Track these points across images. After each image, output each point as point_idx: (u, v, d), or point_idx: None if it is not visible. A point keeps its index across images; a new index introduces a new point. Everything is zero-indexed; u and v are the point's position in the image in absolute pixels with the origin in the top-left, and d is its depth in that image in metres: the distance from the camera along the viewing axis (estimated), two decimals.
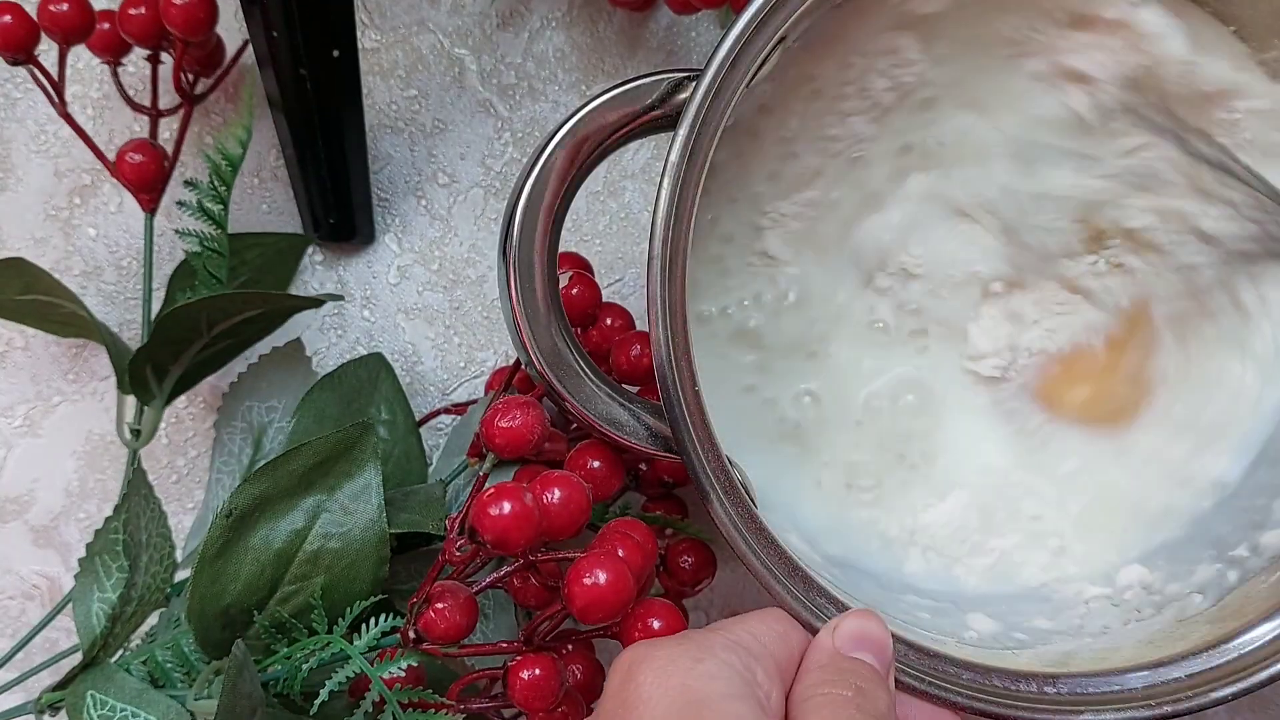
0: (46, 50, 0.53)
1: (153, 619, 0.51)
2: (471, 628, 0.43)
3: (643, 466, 0.52)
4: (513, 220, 0.44)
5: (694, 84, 0.42)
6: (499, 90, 0.58)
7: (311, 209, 0.57)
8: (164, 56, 0.54)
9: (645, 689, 0.37)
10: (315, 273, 0.58)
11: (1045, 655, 0.47)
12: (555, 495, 0.41)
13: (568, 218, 0.56)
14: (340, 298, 0.58)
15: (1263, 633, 0.46)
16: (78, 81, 0.58)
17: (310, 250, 0.58)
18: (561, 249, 0.56)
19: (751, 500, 0.43)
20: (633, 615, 0.43)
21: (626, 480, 0.49)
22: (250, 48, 0.56)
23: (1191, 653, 0.45)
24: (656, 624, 0.42)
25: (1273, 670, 0.45)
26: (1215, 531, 0.51)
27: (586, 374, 0.44)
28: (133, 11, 0.52)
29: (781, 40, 0.43)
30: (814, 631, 0.42)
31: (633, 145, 0.57)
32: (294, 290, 0.58)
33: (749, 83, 0.43)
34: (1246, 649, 0.45)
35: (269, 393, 0.54)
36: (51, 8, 0.51)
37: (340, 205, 0.56)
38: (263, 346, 0.55)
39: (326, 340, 0.59)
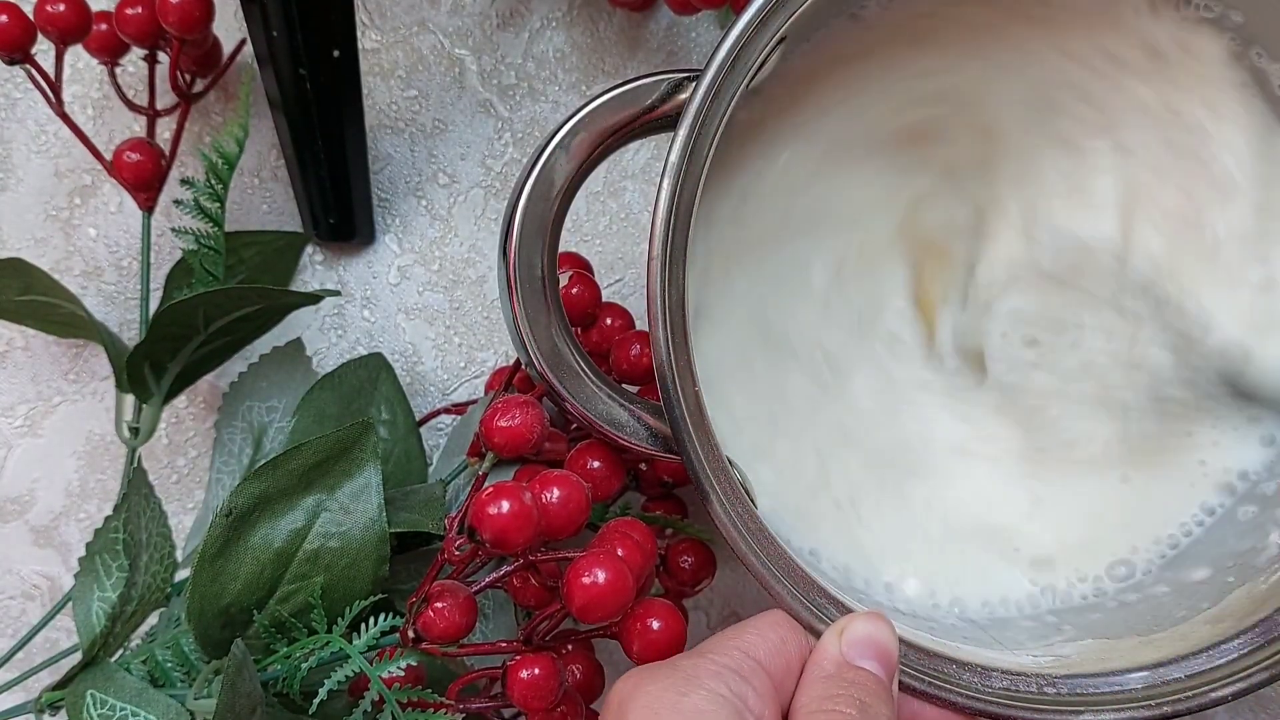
0: (45, 51, 0.53)
1: (153, 619, 0.51)
2: (471, 627, 0.43)
3: (643, 466, 0.52)
4: (513, 220, 0.43)
5: (694, 84, 0.42)
6: (499, 90, 0.58)
7: (311, 209, 0.57)
8: (161, 57, 0.54)
9: None
10: (315, 272, 0.58)
11: (1045, 655, 0.47)
12: (554, 495, 0.41)
13: (568, 218, 0.56)
14: (337, 293, 0.58)
15: (1262, 633, 0.45)
16: (77, 82, 0.58)
17: (310, 250, 0.58)
18: (561, 249, 0.56)
19: (751, 501, 0.43)
20: (632, 615, 0.42)
21: (626, 480, 0.49)
22: (247, 46, 0.56)
23: (1191, 653, 0.45)
24: (656, 624, 0.42)
25: (1273, 670, 0.44)
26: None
27: (586, 374, 0.44)
28: (129, 11, 0.52)
29: (782, 40, 0.43)
30: (815, 633, 0.42)
31: (633, 145, 0.57)
32: (294, 290, 0.58)
33: (749, 83, 0.43)
34: (1246, 649, 0.45)
35: (269, 392, 0.54)
36: (48, 8, 0.51)
37: (340, 205, 0.56)
38: (263, 346, 0.55)
39: (326, 340, 0.58)
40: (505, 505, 0.40)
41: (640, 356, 0.49)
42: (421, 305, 0.58)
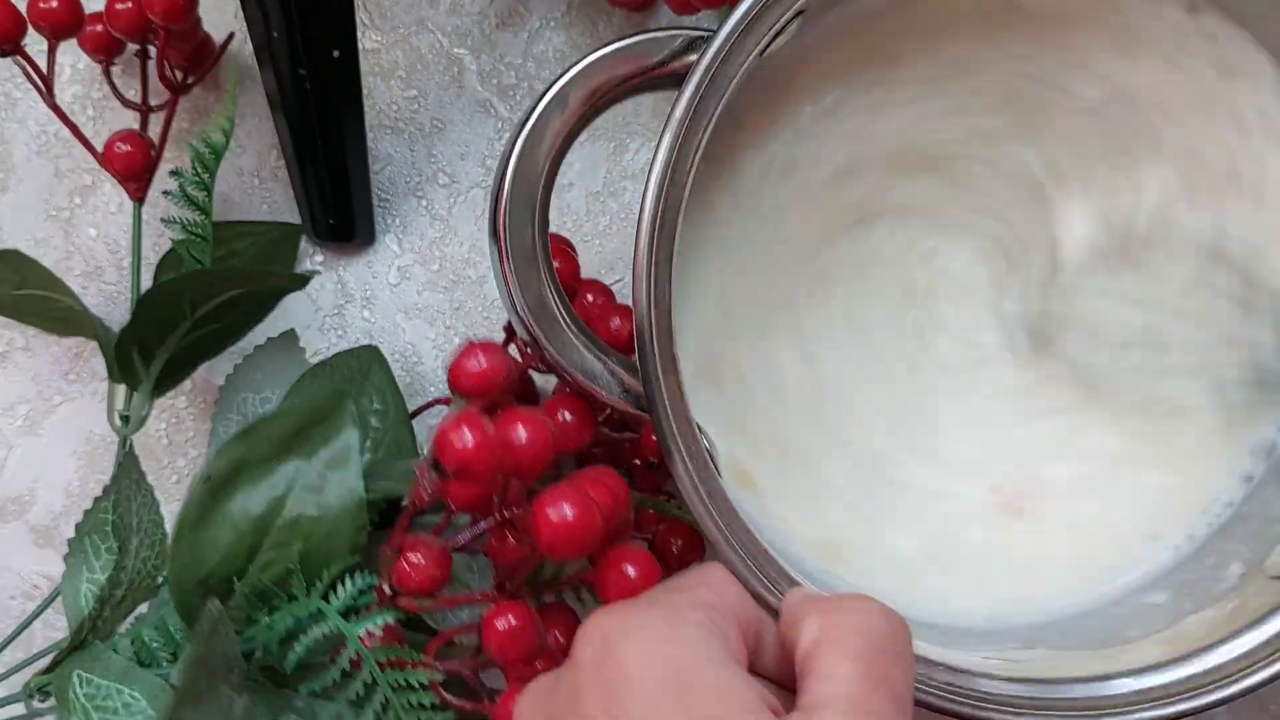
0: (45, 51, 0.53)
1: (144, 609, 0.50)
2: (445, 579, 0.43)
3: (637, 463, 0.52)
4: (513, 151, 0.43)
5: (706, 43, 0.42)
6: (499, 90, 0.58)
7: (311, 209, 0.57)
8: (153, 52, 0.55)
9: (630, 664, 0.35)
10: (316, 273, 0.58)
11: (995, 658, 0.47)
12: (519, 429, 0.41)
13: (568, 218, 0.56)
14: (317, 273, 0.58)
15: (1262, 634, 0.45)
16: (78, 82, 0.58)
17: (310, 250, 0.58)
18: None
19: (716, 469, 0.43)
20: (608, 562, 0.42)
21: (597, 432, 0.48)
22: (236, 40, 0.57)
23: (1139, 669, 0.45)
24: (632, 571, 0.42)
25: (1272, 670, 0.44)
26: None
27: (567, 323, 0.44)
28: (119, 6, 0.52)
29: (800, 13, 0.43)
30: (763, 603, 0.41)
31: (633, 146, 0.57)
32: (277, 270, 0.58)
33: (762, 51, 0.43)
34: (1195, 670, 0.45)
35: (263, 383, 0.54)
36: (41, 4, 0.52)
37: (340, 205, 0.56)
38: (258, 339, 0.55)
39: (327, 340, 0.58)
40: (468, 435, 0.39)
41: (620, 330, 0.49)
42: (421, 305, 0.58)
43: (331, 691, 0.45)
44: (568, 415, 0.46)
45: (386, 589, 0.43)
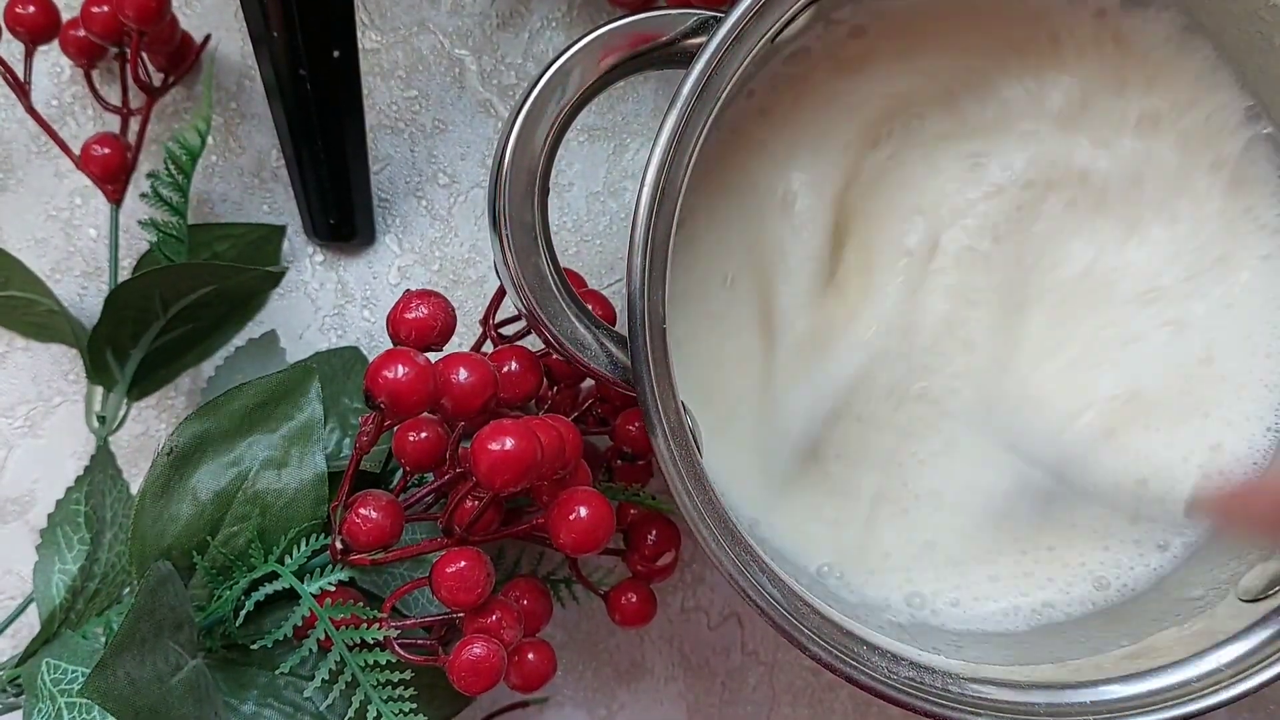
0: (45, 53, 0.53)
1: None
2: (397, 533, 0.43)
3: (618, 461, 0.52)
4: (516, 121, 0.42)
5: (718, 23, 0.41)
6: (499, 91, 0.57)
7: (311, 209, 0.56)
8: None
9: None
10: (315, 273, 0.57)
11: (956, 659, 0.47)
12: (457, 369, 0.41)
13: (568, 218, 0.56)
14: (286, 269, 0.57)
15: (1228, 654, 0.45)
16: (78, 83, 0.57)
17: (310, 250, 0.57)
18: (561, 250, 0.55)
19: (698, 448, 0.42)
20: (558, 505, 0.42)
21: (540, 382, 0.48)
22: (212, 41, 0.56)
23: (1102, 680, 0.45)
24: (583, 511, 0.42)
25: (1238, 690, 0.44)
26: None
27: (560, 293, 0.43)
28: (95, 10, 0.52)
29: (813, 2, 0.43)
30: (734, 585, 0.41)
31: (634, 146, 0.56)
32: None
33: (774, 37, 0.42)
34: (1156, 685, 0.45)
35: None
36: (17, 9, 0.52)
37: (340, 206, 0.56)
38: (240, 342, 0.55)
39: (327, 340, 0.57)
40: (399, 366, 0.40)
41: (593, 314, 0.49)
42: None
43: (285, 655, 0.44)
44: (514, 365, 0.46)
45: (338, 545, 0.42)
